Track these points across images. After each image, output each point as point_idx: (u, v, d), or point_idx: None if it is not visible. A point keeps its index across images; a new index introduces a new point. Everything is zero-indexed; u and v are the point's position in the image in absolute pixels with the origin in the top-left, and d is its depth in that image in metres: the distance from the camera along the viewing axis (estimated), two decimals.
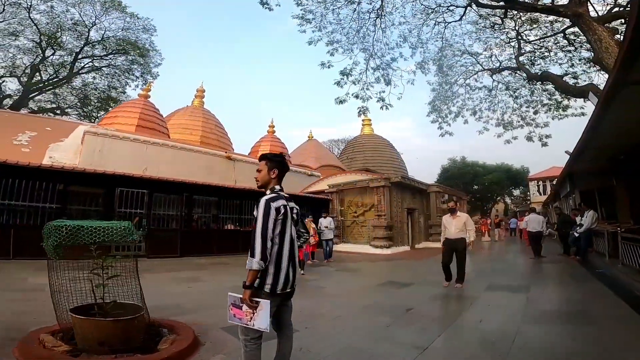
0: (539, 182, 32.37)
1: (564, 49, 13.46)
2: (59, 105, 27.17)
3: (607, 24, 9.11)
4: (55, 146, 13.42)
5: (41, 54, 24.18)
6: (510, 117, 15.71)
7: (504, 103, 15.94)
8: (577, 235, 9.01)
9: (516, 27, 14.01)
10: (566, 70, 13.27)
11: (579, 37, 12.34)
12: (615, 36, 8.60)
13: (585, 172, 11.32)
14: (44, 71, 25.20)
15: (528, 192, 35.85)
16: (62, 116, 25.24)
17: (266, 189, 2.19)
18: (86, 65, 26.81)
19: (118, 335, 2.53)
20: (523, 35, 14.17)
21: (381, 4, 12.55)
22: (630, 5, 6.27)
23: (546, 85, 14.29)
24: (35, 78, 24.90)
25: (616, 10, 10.24)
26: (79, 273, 2.81)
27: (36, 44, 23.55)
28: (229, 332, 3.14)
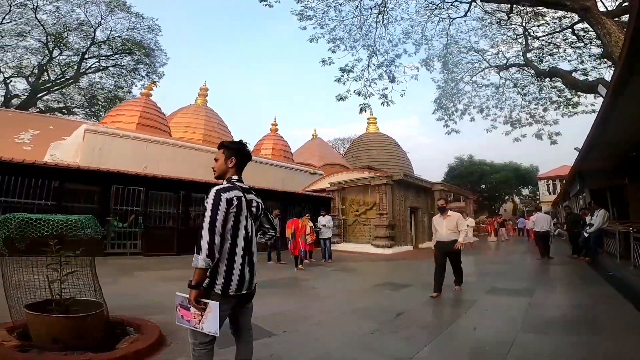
0: (548, 181, 31.69)
1: (572, 45, 12.99)
2: (66, 104, 27.57)
3: (617, 18, 8.69)
4: (56, 144, 13.49)
5: (48, 54, 24.53)
6: (519, 114, 15.31)
7: (511, 100, 15.54)
8: (587, 235, 8.62)
9: (523, 23, 13.58)
10: (575, 67, 12.80)
11: (588, 33, 11.90)
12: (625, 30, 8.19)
13: (595, 170, 10.90)
14: (51, 71, 25.58)
15: (537, 192, 35.05)
16: (68, 116, 25.57)
17: (223, 180, 1.99)
18: (93, 65, 27.17)
19: (71, 332, 2.46)
20: (530, 32, 13.73)
21: (383, 0, 12.27)
22: None
23: (555, 82, 13.82)
24: (43, 78, 25.29)
25: (626, 4, 9.78)
26: (38, 269, 2.69)
27: (43, 44, 23.89)
28: None
